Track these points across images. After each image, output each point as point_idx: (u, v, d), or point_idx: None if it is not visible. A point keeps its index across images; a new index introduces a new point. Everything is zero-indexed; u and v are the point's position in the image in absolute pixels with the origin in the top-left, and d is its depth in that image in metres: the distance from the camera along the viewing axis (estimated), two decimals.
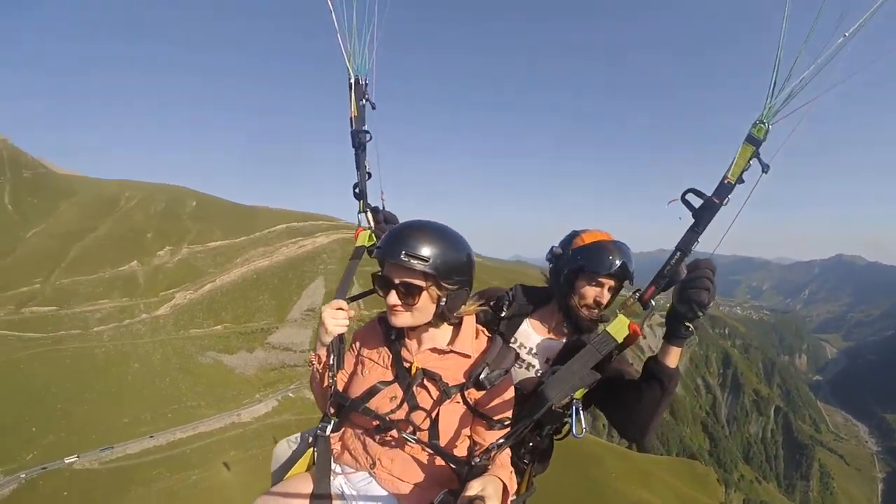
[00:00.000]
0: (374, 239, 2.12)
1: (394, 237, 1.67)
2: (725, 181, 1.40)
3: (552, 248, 2.34)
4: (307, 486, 1.73)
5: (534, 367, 2.30)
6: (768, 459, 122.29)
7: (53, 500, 64.96)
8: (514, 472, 1.68)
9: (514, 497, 2.08)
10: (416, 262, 1.61)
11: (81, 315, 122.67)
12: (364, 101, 2.13)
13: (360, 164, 2.15)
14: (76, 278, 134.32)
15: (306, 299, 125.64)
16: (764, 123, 1.35)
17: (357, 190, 2.16)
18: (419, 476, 1.74)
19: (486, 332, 1.91)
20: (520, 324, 2.36)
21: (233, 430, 78.78)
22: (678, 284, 1.59)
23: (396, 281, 1.68)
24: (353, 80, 2.09)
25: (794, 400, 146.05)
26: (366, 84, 2.12)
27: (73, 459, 74.51)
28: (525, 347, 2.33)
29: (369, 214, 2.18)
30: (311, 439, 1.92)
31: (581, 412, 1.78)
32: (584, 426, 1.74)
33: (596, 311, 2.18)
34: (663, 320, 1.73)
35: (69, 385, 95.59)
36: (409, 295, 1.68)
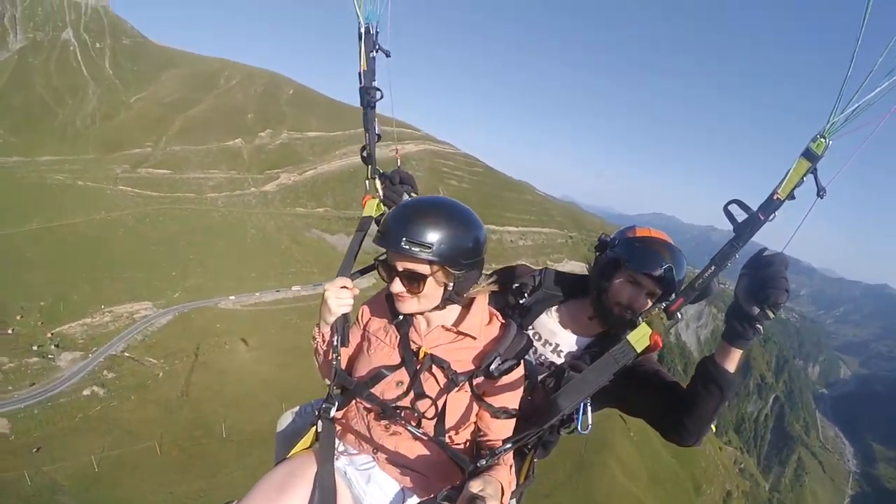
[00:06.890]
0: (383, 208, 1.94)
1: (394, 221, 1.52)
2: (774, 197, 1.22)
3: (601, 235, 2.13)
4: (311, 466, 1.58)
5: (553, 362, 2.09)
6: (755, 438, 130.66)
7: (208, 330, 75.05)
8: (513, 467, 1.62)
9: (514, 487, 2.03)
10: (418, 249, 1.47)
11: (196, 181, 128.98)
12: (375, 51, 1.89)
13: (368, 124, 1.95)
14: (186, 147, 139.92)
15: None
16: (825, 138, 1.16)
17: (365, 153, 1.99)
18: (423, 465, 1.66)
19: (501, 318, 1.76)
20: (542, 312, 2.12)
21: None
22: (748, 280, 1.37)
23: (400, 269, 1.54)
24: (363, 30, 1.84)
25: (794, 399, 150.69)
26: (377, 32, 1.87)
27: (218, 300, 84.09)
28: (542, 339, 2.11)
29: (378, 181, 1.97)
30: (316, 413, 1.76)
31: (590, 408, 1.69)
32: (590, 422, 1.68)
33: (629, 312, 1.91)
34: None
35: (196, 239, 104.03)
36: (414, 282, 1.55)
